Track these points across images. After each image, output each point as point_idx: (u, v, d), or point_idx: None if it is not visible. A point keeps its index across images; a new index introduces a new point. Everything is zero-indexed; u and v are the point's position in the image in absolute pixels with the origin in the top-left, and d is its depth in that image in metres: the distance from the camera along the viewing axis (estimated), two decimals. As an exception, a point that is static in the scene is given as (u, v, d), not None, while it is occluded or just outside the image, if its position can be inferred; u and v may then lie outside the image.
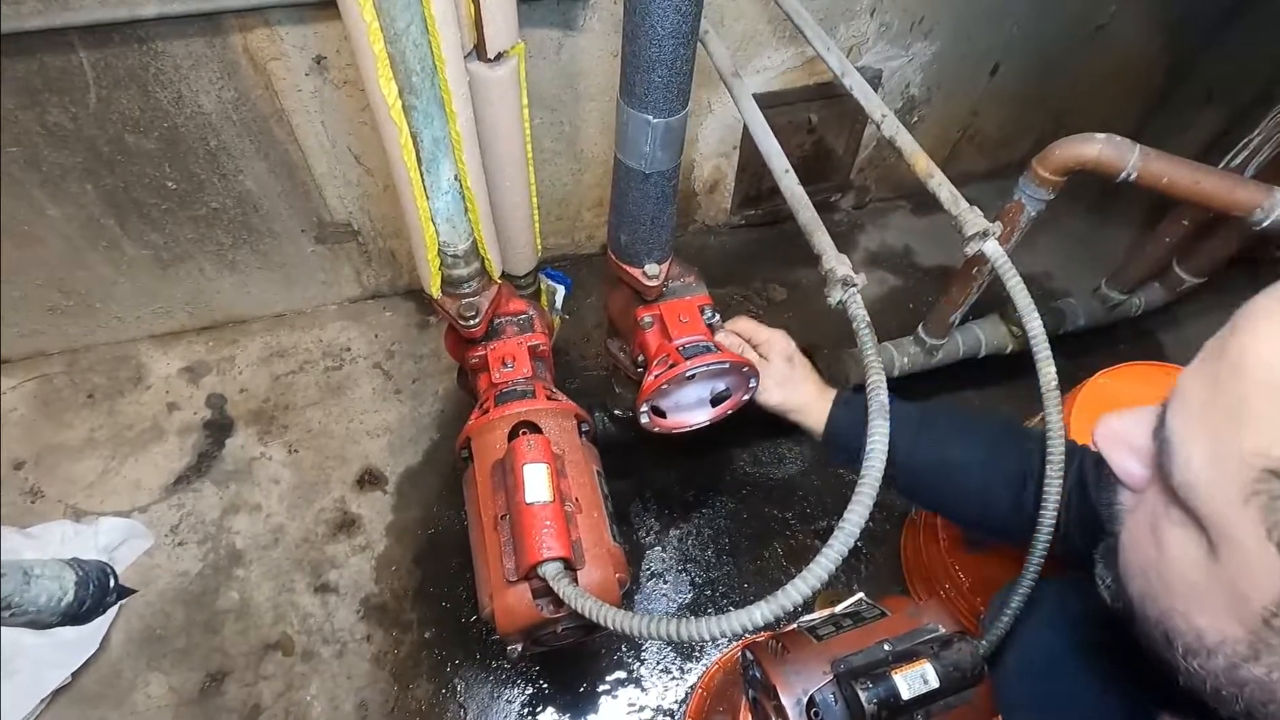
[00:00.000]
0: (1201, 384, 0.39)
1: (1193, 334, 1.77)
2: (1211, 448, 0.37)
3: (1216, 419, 0.37)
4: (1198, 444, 0.38)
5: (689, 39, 0.69)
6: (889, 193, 2.04)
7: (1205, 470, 0.37)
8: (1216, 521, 0.37)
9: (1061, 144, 1.11)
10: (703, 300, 1.00)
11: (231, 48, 1.17)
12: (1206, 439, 0.37)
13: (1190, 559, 0.39)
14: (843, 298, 0.77)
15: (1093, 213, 2.02)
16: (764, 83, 1.58)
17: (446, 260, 0.90)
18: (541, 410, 0.91)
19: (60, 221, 1.32)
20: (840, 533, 0.56)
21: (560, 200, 1.67)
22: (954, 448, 0.84)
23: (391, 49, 0.66)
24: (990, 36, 1.68)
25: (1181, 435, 0.39)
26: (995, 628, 0.73)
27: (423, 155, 0.77)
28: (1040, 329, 0.75)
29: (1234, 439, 0.35)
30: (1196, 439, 0.38)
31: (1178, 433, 0.39)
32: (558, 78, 1.40)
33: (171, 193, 1.34)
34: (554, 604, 0.77)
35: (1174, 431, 0.40)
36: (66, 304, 1.47)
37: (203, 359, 1.59)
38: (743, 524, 1.42)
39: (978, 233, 0.81)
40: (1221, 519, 0.36)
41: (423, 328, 1.68)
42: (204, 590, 1.30)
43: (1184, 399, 0.40)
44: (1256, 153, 1.26)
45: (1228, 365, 0.37)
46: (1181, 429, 0.39)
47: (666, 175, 0.81)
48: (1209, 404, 0.38)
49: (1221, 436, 0.36)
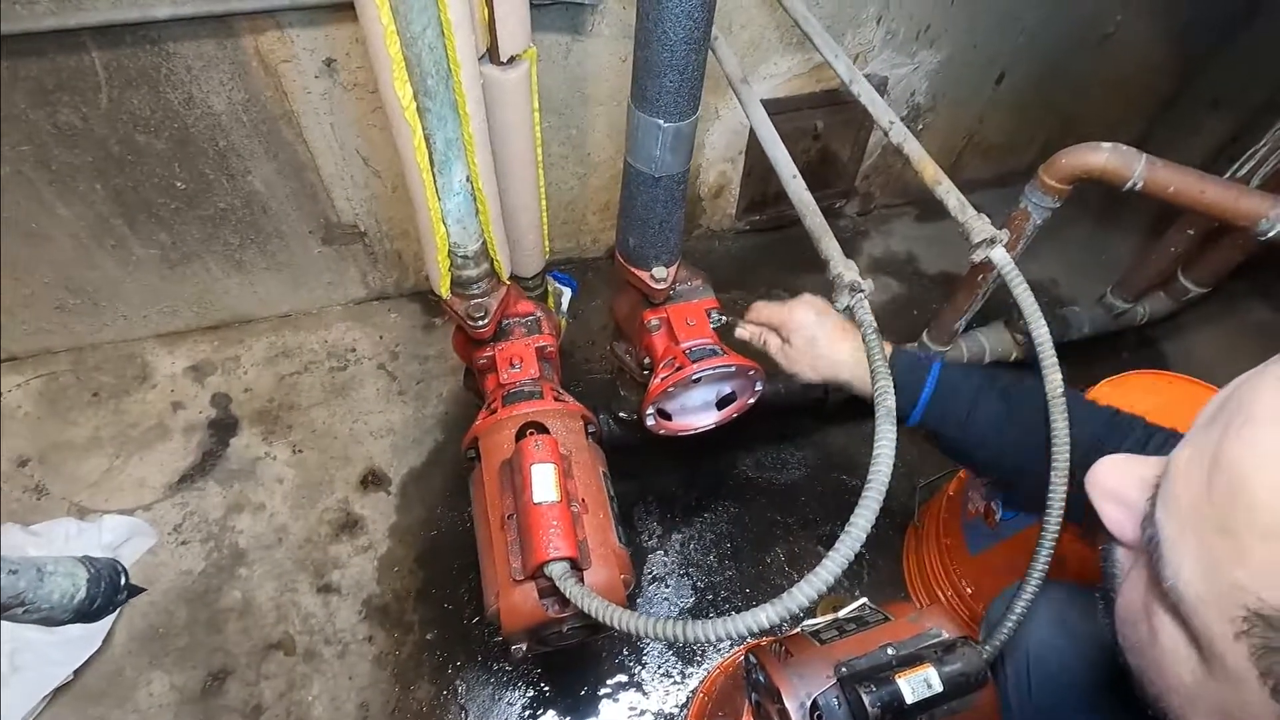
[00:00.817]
0: (1193, 488, 0.35)
1: (1197, 343, 1.77)
2: (1202, 565, 0.34)
3: (1208, 534, 0.34)
4: (1187, 555, 0.35)
5: (700, 45, 0.69)
6: (893, 199, 2.04)
7: (1195, 585, 0.34)
8: (1208, 642, 0.34)
9: (1068, 152, 1.12)
10: (710, 304, 1.00)
11: (242, 49, 1.18)
12: (1197, 553, 0.34)
13: (1183, 659, 0.36)
14: (850, 303, 0.78)
15: (1098, 221, 2.03)
16: (770, 89, 1.59)
17: (456, 261, 0.90)
18: (549, 411, 0.91)
19: (69, 220, 1.33)
20: (847, 537, 0.56)
21: (567, 203, 1.68)
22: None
23: (408, 52, 0.67)
24: (996, 44, 1.68)
25: (1171, 539, 0.36)
26: (999, 633, 0.73)
27: (435, 157, 0.77)
28: (1046, 336, 0.75)
29: (1226, 564, 0.33)
30: (1186, 549, 0.35)
31: (1167, 534, 0.36)
32: (566, 82, 1.40)
33: (180, 193, 1.35)
34: (559, 603, 0.77)
35: (1162, 529, 0.36)
36: (74, 302, 1.48)
37: (208, 358, 1.60)
38: (745, 528, 1.42)
39: (985, 240, 0.81)
40: (1213, 642, 0.34)
41: (427, 329, 1.68)
42: (207, 589, 1.30)
43: (1174, 496, 0.36)
44: (1263, 163, 1.27)
45: (1223, 480, 0.33)
46: (1171, 531, 0.36)
47: (676, 179, 0.82)
48: (1200, 514, 0.34)
49: (1213, 556, 0.33)
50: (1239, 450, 0.33)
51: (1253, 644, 0.31)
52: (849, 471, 1.51)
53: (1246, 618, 0.31)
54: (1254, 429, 0.33)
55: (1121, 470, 0.41)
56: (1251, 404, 0.34)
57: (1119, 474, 0.41)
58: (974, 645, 0.66)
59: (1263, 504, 0.31)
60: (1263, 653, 0.31)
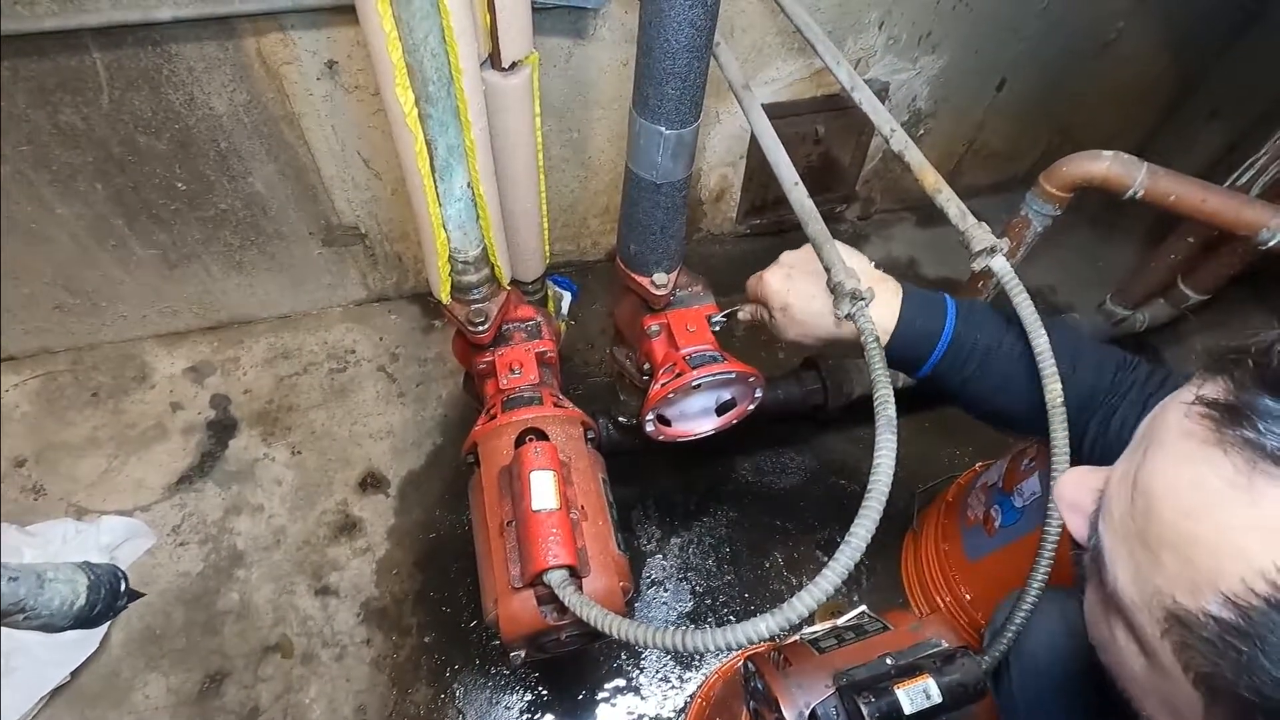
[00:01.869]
0: (1122, 503, 0.39)
1: (1196, 350, 1.78)
2: (1131, 572, 0.38)
3: (1134, 545, 0.38)
4: (1120, 563, 0.39)
5: (703, 52, 0.69)
6: (894, 204, 2.04)
7: (1129, 589, 0.38)
8: (1145, 640, 0.38)
9: (1069, 160, 1.12)
10: (710, 310, 1.00)
11: (244, 51, 1.18)
12: (1127, 561, 0.39)
13: (1133, 654, 0.40)
14: (851, 311, 0.78)
15: (1097, 228, 2.03)
16: (772, 94, 1.59)
17: (457, 266, 0.90)
18: (549, 417, 0.91)
19: (69, 220, 1.33)
20: (847, 546, 0.57)
21: (567, 207, 1.68)
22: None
23: (409, 58, 0.67)
24: (997, 51, 1.68)
25: (1109, 548, 0.40)
26: (998, 644, 0.73)
27: (437, 163, 0.77)
28: (1046, 345, 0.75)
29: (1147, 572, 0.37)
30: (1119, 557, 0.39)
31: (1106, 543, 0.40)
32: (567, 86, 1.40)
33: (181, 193, 1.35)
34: (558, 611, 0.77)
35: (1103, 539, 0.41)
36: (73, 302, 1.48)
37: (207, 359, 1.60)
38: (744, 533, 1.42)
39: (985, 249, 0.81)
40: (1147, 640, 0.38)
41: (427, 331, 1.68)
42: (204, 591, 1.30)
43: (1109, 510, 0.41)
44: (1262, 172, 1.27)
45: (1141, 498, 0.38)
46: (1108, 541, 0.40)
47: (678, 186, 0.82)
48: (1127, 527, 0.39)
49: (1138, 565, 0.38)
50: (1149, 472, 0.38)
51: (1174, 641, 0.36)
52: (848, 477, 1.51)
53: (1166, 618, 0.36)
54: (1161, 453, 0.38)
55: (1079, 482, 0.46)
56: (1161, 429, 0.39)
57: (1076, 485, 0.46)
58: (973, 656, 0.66)
59: (1167, 520, 0.36)
60: (1182, 649, 0.35)
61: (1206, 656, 0.34)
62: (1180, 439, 0.37)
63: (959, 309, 0.82)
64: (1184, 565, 0.34)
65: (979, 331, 0.81)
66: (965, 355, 0.80)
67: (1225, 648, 0.33)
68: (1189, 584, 0.34)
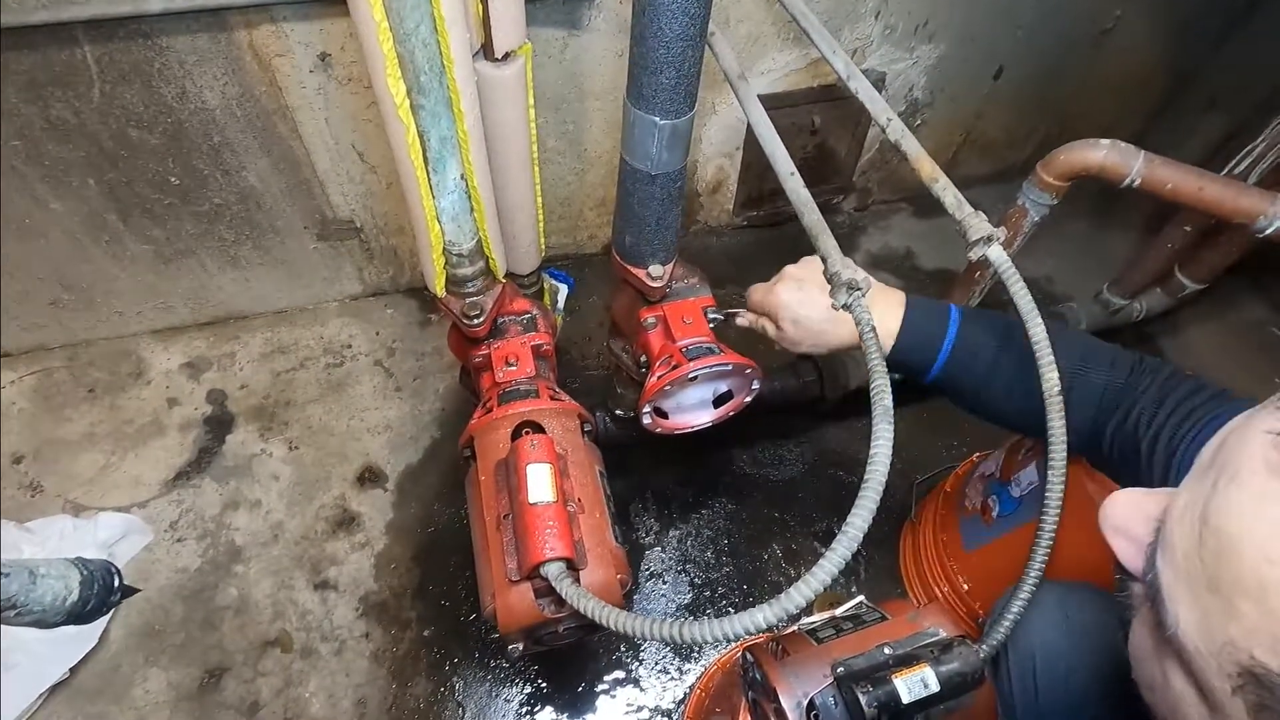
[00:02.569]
0: (1187, 540, 0.35)
1: (1193, 339, 1.78)
2: (1196, 618, 0.34)
3: (1200, 588, 0.34)
4: (1183, 605, 0.35)
5: (697, 41, 0.69)
6: (891, 195, 2.04)
7: (1194, 637, 0.34)
8: (1209, 692, 0.34)
9: (1066, 149, 1.12)
10: (706, 302, 1.00)
11: (236, 44, 1.17)
12: (1191, 605, 0.35)
13: (1192, 704, 0.36)
14: (848, 301, 0.77)
15: (1095, 217, 2.03)
16: (768, 84, 1.58)
17: (451, 259, 0.90)
18: (545, 410, 0.91)
19: (62, 215, 1.32)
20: (844, 536, 0.56)
21: (563, 200, 1.67)
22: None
23: (400, 48, 0.66)
24: (994, 40, 1.68)
25: (1169, 589, 0.36)
26: (995, 632, 0.73)
27: (429, 154, 0.77)
28: (1043, 334, 0.75)
29: (1218, 621, 0.33)
30: (1182, 599, 0.35)
31: (1165, 583, 0.36)
32: (562, 77, 1.40)
33: (174, 188, 1.34)
34: (556, 604, 0.77)
35: (1162, 577, 0.37)
36: (68, 298, 1.47)
37: (204, 355, 1.59)
38: (742, 525, 1.42)
39: (982, 238, 0.81)
40: (1214, 693, 0.34)
41: (424, 325, 1.68)
42: (203, 586, 1.30)
43: (1170, 546, 0.37)
44: (1260, 160, 1.27)
45: (1212, 537, 0.34)
46: (1168, 579, 0.36)
47: (672, 177, 0.81)
48: (1193, 567, 0.35)
49: (1206, 611, 0.34)
50: (1224, 508, 0.33)
51: (1249, 701, 0.32)
52: (846, 468, 1.51)
53: (1241, 674, 0.32)
54: (1239, 488, 0.33)
55: (1130, 506, 0.41)
56: (1238, 458, 0.34)
57: (1128, 510, 0.41)
58: (971, 645, 0.66)
59: (1248, 565, 0.32)
60: (1258, 710, 0.31)
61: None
62: (1264, 474, 0.32)
63: (964, 315, 0.83)
64: (1265, 617, 0.31)
65: (984, 335, 0.81)
66: (971, 358, 0.81)
67: None
68: (1271, 638, 0.30)
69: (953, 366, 0.82)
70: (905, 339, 0.83)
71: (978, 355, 0.81)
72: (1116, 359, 0.78)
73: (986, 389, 0.83)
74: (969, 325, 0.82)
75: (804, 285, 0.90)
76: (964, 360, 0.82)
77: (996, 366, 0.81)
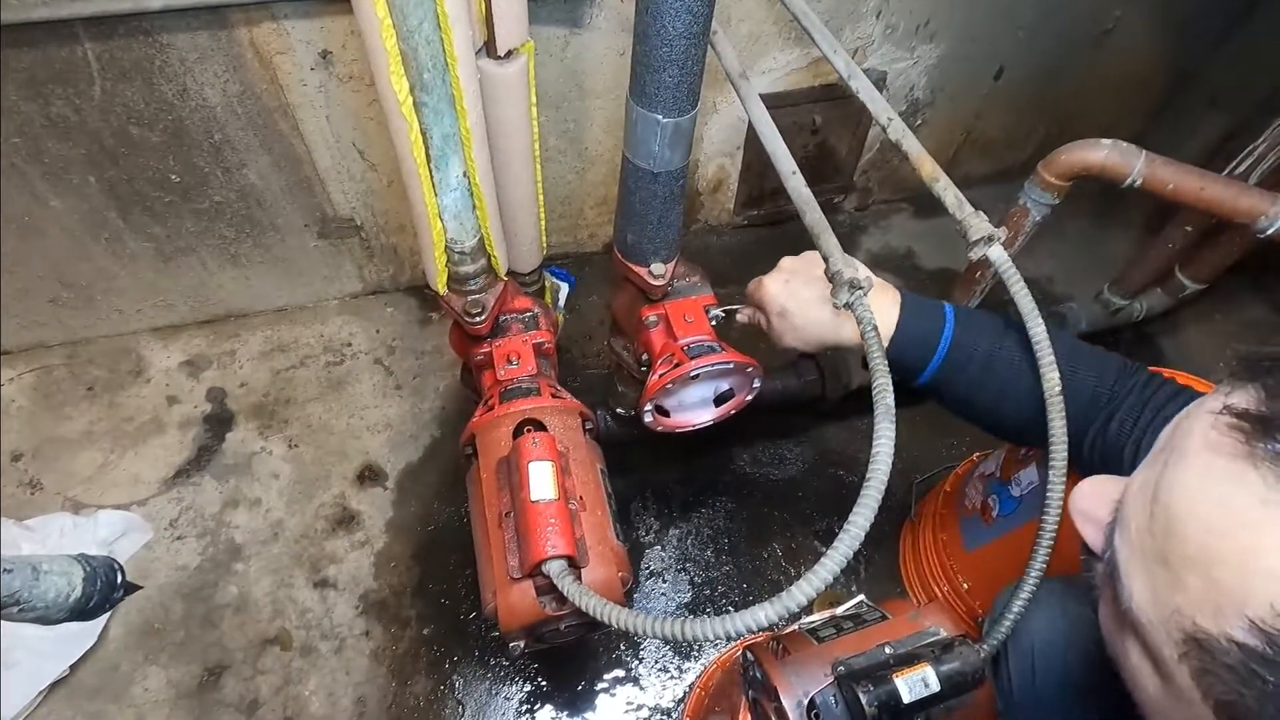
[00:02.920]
0: (1140, 517, 0.38)
1: (1193, 339, 1.78)
2: (1149, 590, 0.36)
3: (1151, 562, 0.36)
4: (1137, 580, 0.37)
5: (700, 39, 0.69)
6: (892, 194, 2.04)
7: (1145, 608, 0.37)
8: (1161, 661, 0.36)
9: (1067, 149, 1.12)
10: (708, 300, 1.00)
11: (237, 41, 1.17)
12: (1144, 578, 0.37)
13: (1148, 674, 0.38)
14: (849, 300, 0.77)
15: (1095, 217, 2.03)
16: (769, 83, 1.58)
17: (453, 257, 0.90)
18: (546, 408, 0.91)
19: (63, 213, 1.32)
20: (845, 536, 0.56)
21: (564, 198, 1.67)
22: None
23: (403, 46, 0.66)
24: (995, 40, 1.68)
25: (1124, 563, 0.38)
26: (996, 631, 0.73)
27: (432, 152, 0.77)
28: (1044, 335, 0.75)
29: (1165, 592, 0.35)
30: (1135, 574, 0.37)
31: (1122, 559, 0.39)
32: (563, 75, 1.40)
33: (175, 186, 1.34)
34: (557, 601, 0.77)
35: (1119, 554, 0.39)
36: (67, 296, 1.47)
37: (203, 353, 1.59)
38: (742, 524, 1.43)
39: (983, 238, 0.81)
40: (1164, 662, 0.36)
41: (424, 324, 1.68)
42: (203, 584, 1.30)
43: (1125, 523, 0.39)
44: (1261, 160, 1.27)
45: (1161, 512, 0.36)
46: (1124, 556, 0.39)
47: (675, 175, 0.81)
48: (1144, 542, 0.37)
49: (1155, 583, 0.36)
50: (1171, 485, 0.36)
51: (1192, 666, 0.34)
52: (846, 468, 1.51)
53: (1185, 640, 0.34)
54: (1183, 467, 0.36)
55: (1094, 492, 0.44)
56: (1185, 439, 0.37)
57: (1092, 495, 0.44)
58: (971, 644, 0.66)
59: (1190, 538, 0.34)
60: (1201, 674, 0.34)
61: (1228, 684, 0.32)
62: (1206, 451, 0.35)
63: (958, 314, 0.82)
64: (1207, 586, 0.33)
65: (978, 338, 0.80)
66: (965, 361, 0.80)
67: (1250, 676, 0.31)
68: (1212, 606, 0.32)
69: (946, 370, 0.81)
70: (899, 339, 0.81)
71: (972, 359, 0.80)
72: (1103, 363, 0.78)
73: (979, 393, 0.82)
74: (964, 326, 0.81)
75: (791, 280, 0.88)
76: (958, 364, 0.80)
77: (989, 371, 0.80)
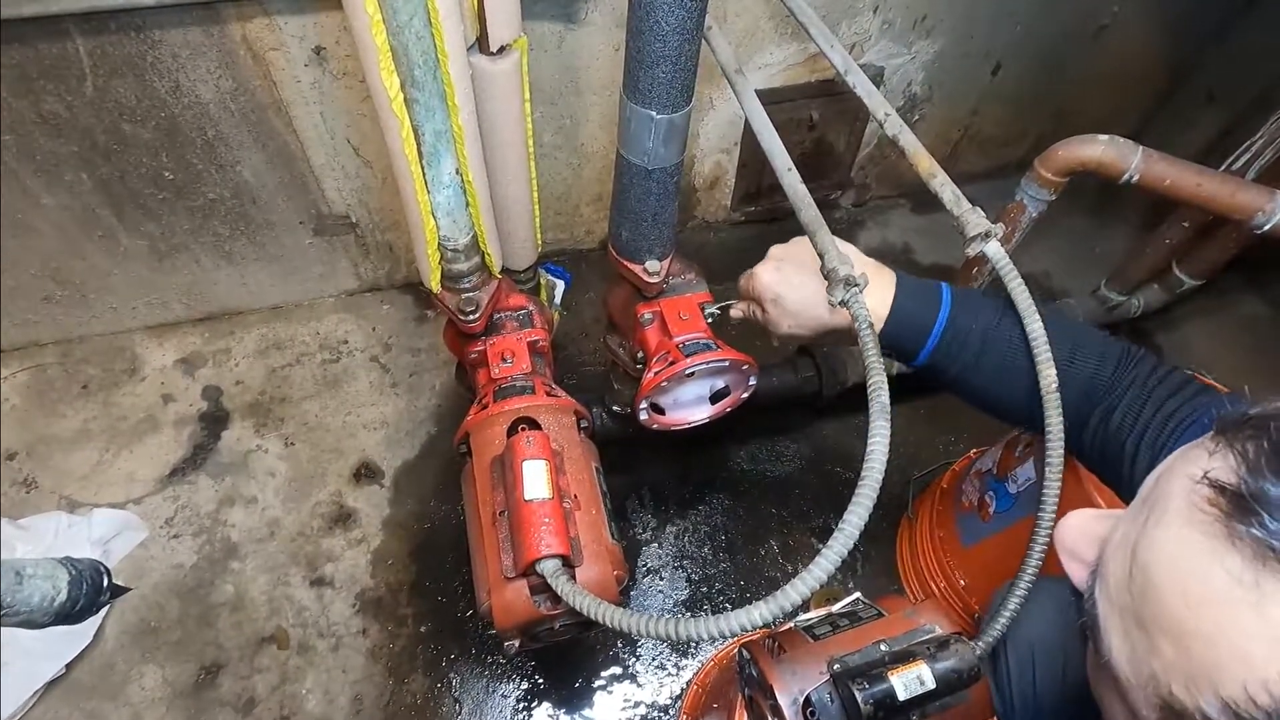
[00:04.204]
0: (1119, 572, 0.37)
1: (1190, 335, 1.78)
2: (1128, 647, 0.36)
3: (1129, 622, 0.36)
4: (1115, 636, 0.37)
5: (694, 35, 0.68)
6: (889, 191, 2.03)
7: (1124, 667, 0.36)
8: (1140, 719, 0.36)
9: (1064, 145, 1.11)
10: (703, 297, 0.99)
11: (230, 37, 1.16)
12: (1122, 635, 0.36)
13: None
14: (845, 297, 0.77)
15: (1092, 213, 2.02)
16: (765, 79, 1.57)
17: (446, 255, 0.89)
18: (541, 406, 0.91)
19: (55, 211, 1.31)
20: (840, 534, 0.56)
21: (560, 195, 1.66)
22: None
23: (394, 41, 0.65)
24: (992, 35, 1.67)
25: (1104, 618, 0.38)
26: (992, 629, 0.73)
27: (424, 149, 0.76)
28: (1041, 331, 0.74)
29: (1143, 655, 0.34)
30: (1115, 630, 0.37)
31: (1102, 612, 0.38)
32: (558, 71, 1.39)
33: (168, 183, 1.33)
34: (552, 601, 0.77)
35: (1099, 607, 0.38)
36: (61, 294, 1.46)
37: (198, 351, 1.59)
38: (739, 521, 1.42)
39: (980, 234, 0.81)
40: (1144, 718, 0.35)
41: (420, 321, 1.67)
42: (199, 583, 1.30)
43: (1105, 576, 0.38)
44: (1258, 156, 1.26)
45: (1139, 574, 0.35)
46: (1104, 611, 0.38)
47: (669, 171, 0.81)
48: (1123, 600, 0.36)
49: (1134, 643, 0.35)
50: (1149, 548, 0.35)
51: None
52: (843, 464, 1.51)
53: (1162, 706, 0.34)
54: (1164, 528, 0.35)
55: (1081, 530, 0.43)
56: (1165, 499, 0.35)
57: (1078, 533, 0.43)
58: (967, 642, 0.66)
59: (1167, 606, 0.33)
60: None
61: None
62: (1184, 522, 0.34)
63: (954, 296, 0.81)
64: (1182, 657, 0.32)
65: (975, 319, 0.80)
66: (961, 343, 0.79)
67: None
68: (1186, 677, 0.32)
69: (942, 351, 0.80)
70: (895, 321, 0.81)
71: (968, 340, 0.79)
72: (1105, 351, 0.77)
73: (977, 375, 0.81)
74: (960, 307, 0.80)
75: (782, 266, 0.88)
76: (955, 345, 0.80)
77: (986, 353, 0.79)
